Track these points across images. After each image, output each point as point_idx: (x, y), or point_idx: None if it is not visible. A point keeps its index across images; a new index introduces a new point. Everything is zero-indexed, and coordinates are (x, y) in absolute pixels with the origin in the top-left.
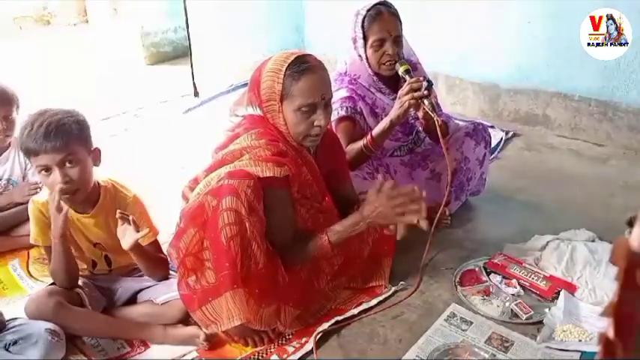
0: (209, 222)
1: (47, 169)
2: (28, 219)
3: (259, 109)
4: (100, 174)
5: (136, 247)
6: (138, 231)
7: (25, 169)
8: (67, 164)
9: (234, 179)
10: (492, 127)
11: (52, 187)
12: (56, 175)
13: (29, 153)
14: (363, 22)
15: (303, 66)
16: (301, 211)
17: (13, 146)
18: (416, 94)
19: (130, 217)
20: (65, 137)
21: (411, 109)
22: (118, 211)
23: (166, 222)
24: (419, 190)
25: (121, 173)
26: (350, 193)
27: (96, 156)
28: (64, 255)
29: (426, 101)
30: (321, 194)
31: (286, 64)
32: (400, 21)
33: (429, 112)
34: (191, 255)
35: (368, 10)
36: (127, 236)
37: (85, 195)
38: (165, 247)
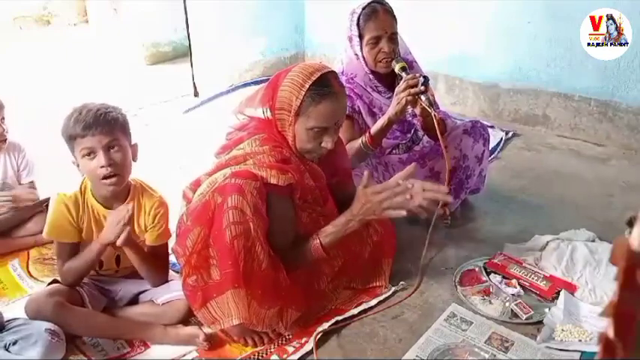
0: (214, 219)
1: (91, 153)
2: (27, 220)
3: (270, 111)
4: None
5: (134, 244)
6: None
7: (18, 170)
8: (112, 149)
9: (240, 178)
10: (492, 127)
11: (93, 172)
12: (100, 157)
13: (75, 137)
14: (358, 20)
15: (326, 90)
16: (302, 216)
17: (3, 150)
18: (413, 91)
19: (127, 214)
20: (112, 123)
21: (409, 106)
22: (125, 205)
23: None
24: (404, 183)
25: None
26: (352, 194)
27: (134, 151)
28: (97, 258)
29: (423, 97)
30: (323, 198)
31: (310, 82)
32: (395, 19)
33: (427, 108)
34: (196, 253)
35: (363, 9)
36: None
37: (123, 184)
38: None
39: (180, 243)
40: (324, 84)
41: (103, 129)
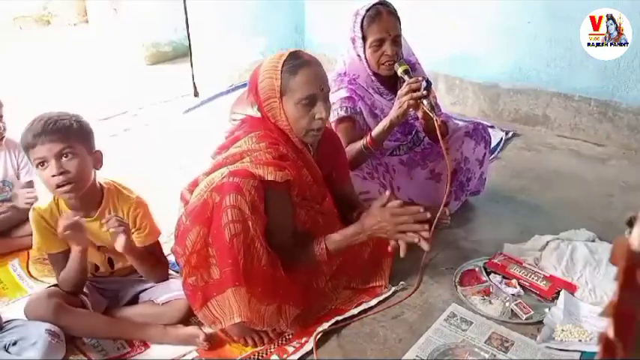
0: (213, 218)
1: (44, 162)
2: (27, 220)
3: (259, 110)
4: (102, 176)
5: (131, 248)
6: (130, 232)
7: (18, 169)
8: (64, 157)
9: (238, 177)
10: (492, 127)
11: (48, 182)
12: (52, 166)
13: (28, 147)
14: (362, 22)
15: (299, 60)
16: (301, 214)
17: (2, 148)
18: (415, 94)
19: (122, 220)
20: (63, 131)
21: (411, 109)
22: (114, 215)
23: (165, 222)
24: (424, 212)
25: (120, 173)
26: (350, 192)
27: (97, 158)
28: (80, 265)
29: (425, 101)
30: (321, 195)
31: (282, 61)
32: (399, 21)
33: (428, 112)
34: (195, 252)
35: (367, 10)
36: (118, 240)
37: (81, 192)
38: (165, 247)
39: (179, 243)
40: (295, 57)
41: (52, 137)
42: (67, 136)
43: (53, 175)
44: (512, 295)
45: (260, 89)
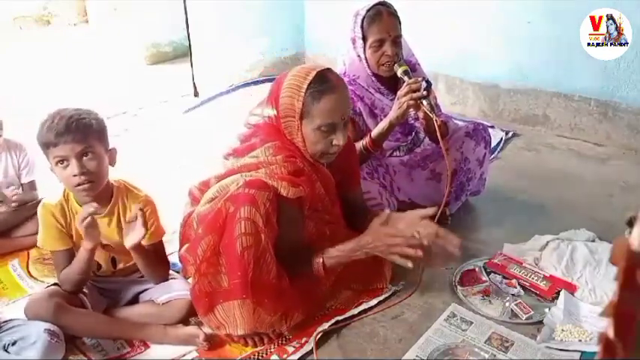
0: (225, 227)
1: (64, 161)
2: (27, 220)
3: (276, 119)
4: (111, 174)
5: (139, 246)
6: (145, 229)
7: (19, 169)
8: (85, 157)
9: (254, 189)
10: (492, 127)
11: (67, 180)
12: (73, 166)
13: (48, 145)
14: (362, 22)
15: (325, 85)
16: (309, 226)
17: (3, 149)
18: (415, 95)
19: (140, 215)
20: (85, 130)
21: (411, 110)
22: (136, 205)
23: (166, 222)
24: (420, 238)
25: (121, 173)
26: (359, 199)
27: (112, 156)
28: (87, 264)
29: (425, 101)
30: (332, 203)
31: (307, 82)
32: (400, 21)
33: (428, 113)
34: (205, 260)
35: (367, 11)
36: (131, 235)
37: (98, 190)
38: (167, 246)
39: (190, 251)
40: (322, 81)
41: (75, 137)
42: (88, 136)
43: (74, 175)
44: (512, 295)
45: (280, 104)
